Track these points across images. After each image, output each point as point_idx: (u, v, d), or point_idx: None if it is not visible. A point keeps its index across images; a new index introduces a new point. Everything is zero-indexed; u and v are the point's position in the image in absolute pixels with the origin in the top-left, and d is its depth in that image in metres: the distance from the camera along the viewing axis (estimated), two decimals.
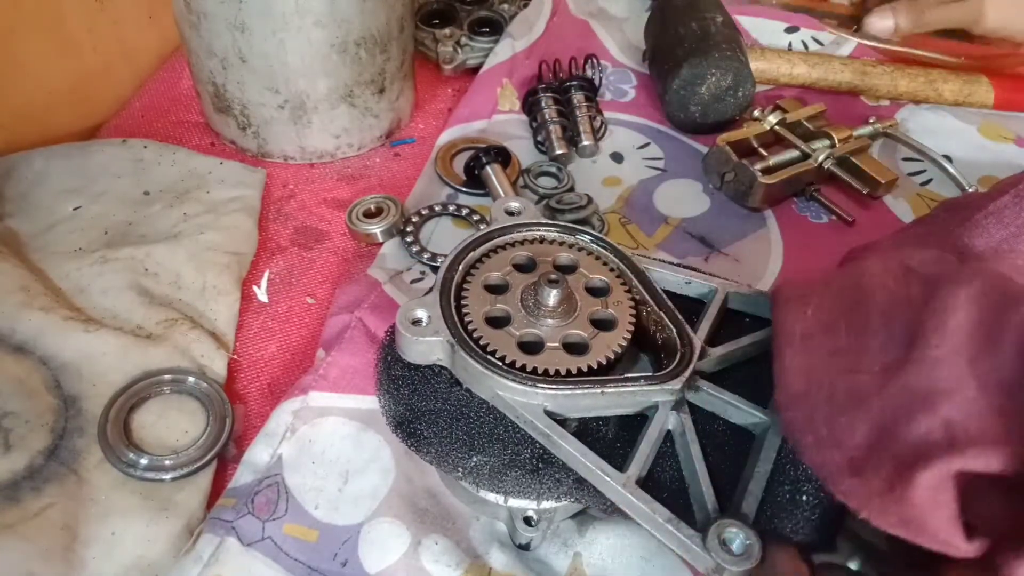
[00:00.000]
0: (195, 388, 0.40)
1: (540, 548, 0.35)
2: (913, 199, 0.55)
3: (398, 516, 0.35)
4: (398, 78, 0.57)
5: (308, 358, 0.44)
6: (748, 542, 0.28)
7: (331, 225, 0.52)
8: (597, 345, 0.33)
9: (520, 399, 0.31)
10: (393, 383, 0.34)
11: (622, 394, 0.32)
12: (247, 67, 0.51)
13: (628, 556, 0.35)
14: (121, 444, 0.37)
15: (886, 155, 0.59)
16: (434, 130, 0.61)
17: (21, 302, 0.41)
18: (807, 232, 0.53)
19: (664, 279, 0.37)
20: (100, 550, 0.34)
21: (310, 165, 0.57)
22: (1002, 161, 0.58)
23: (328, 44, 0.51)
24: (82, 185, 0.51)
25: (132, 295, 0.44)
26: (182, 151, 0.55)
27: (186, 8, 0.50)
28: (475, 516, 0.36)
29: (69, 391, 0.39)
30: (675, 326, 0.34)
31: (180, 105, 0.61)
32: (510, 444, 0.32)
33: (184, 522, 0.36)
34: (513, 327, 0.33)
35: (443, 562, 0.34)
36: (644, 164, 0.58)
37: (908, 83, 0.63)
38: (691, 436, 0.31)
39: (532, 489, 0.32)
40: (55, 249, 0.47)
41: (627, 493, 0.29)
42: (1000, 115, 0.62)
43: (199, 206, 0.51)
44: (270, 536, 0.34)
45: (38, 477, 0.36)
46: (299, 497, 0.36)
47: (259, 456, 0.37)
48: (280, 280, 0.49)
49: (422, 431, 0.33)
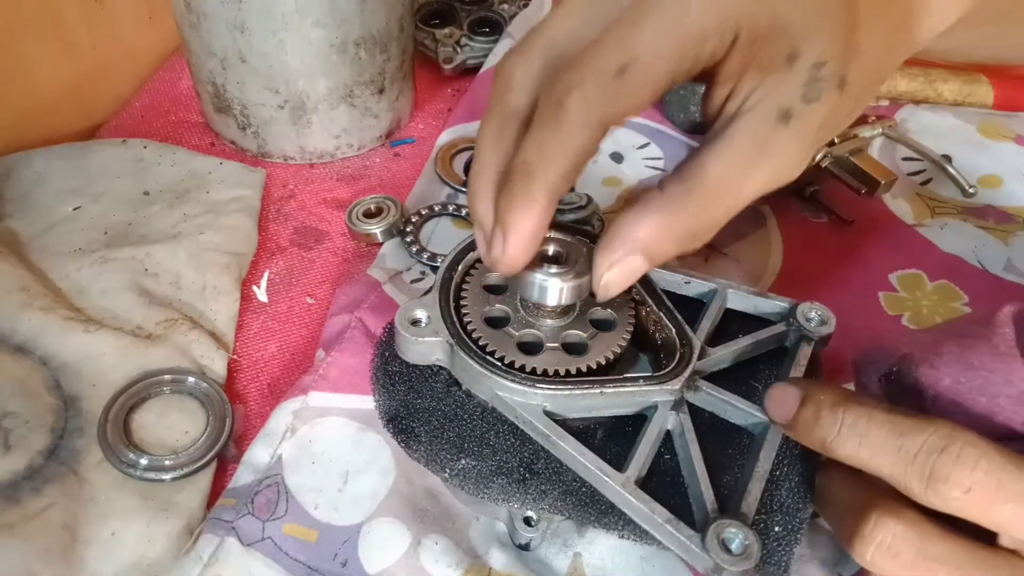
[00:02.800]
0: (195, 388, 0.40)
1: (540, 548, 0.35)
2: (913, 198, 0.55)
3: (398, 516, 0.35)
4: (398, 78, 0.57)
5: (308, 358, 0.44)
6: (747, 542, 0.28)
7: (331, 225, 0.52)
8: (596, 345, 0.33)
9: (519, 399, 0.31)
10: (389, 379, 0.34)
11: (621, 394, 0.32)
12: (247, 67, 0.51)
13: (627, 556, 0.35)
14: (121, 444, 0.37)
15: (886, 155, 0.59)
16: (434, 130, 0.61)
17: (21, 302, 0.41)
18: (806, 231, 0.53)
19: (663, 279, 0.37)
20: (100, 550, 0.34)
21: (310, 165, 0.57)
22: (1003, 160, 0.58)
23: (328, 44, 0.51)
24: (82, 185, 0.51)
25: (132, 295, 0.44)
26: (182, 151, 0.55)
27: (186, 8, 0.50)
28: (475, 516, 0.36)
29: (69, 391, 0.39)
30: (674, 326, 0.34)
31: (180, 105, 0.61)
32: (499, 451, 0.32)
33: (184, 522, 0.36)
34: (512, 327, 0.33)
35: (443, 562, 0.34)
36: (644, 164, 0.58)
37: (908, 83, 0.63)
38: (690, 436, 0.31)
39: (517, 498, 0.32)
40: (55, 249, 0.47)
41: (626, 493, 0.29)
42: (1000, 115, 0.62)
43: (199, 206, 0.51)
44: (270, 536, 0.34)
45: (38, 477, 0.36)
46: (299, 497, 0.36)
47: (259, 456, 0.37)
48: (280, 280, 0.49)
49: (414, 428, 0.33)
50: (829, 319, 0.36)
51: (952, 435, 0.26)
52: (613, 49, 0.25)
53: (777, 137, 0.26)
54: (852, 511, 0.28)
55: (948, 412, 0.30)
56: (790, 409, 0.30)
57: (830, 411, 0.28)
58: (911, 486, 0.26)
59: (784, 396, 0.30)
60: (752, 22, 0.25)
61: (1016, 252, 0.51)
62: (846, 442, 0.28)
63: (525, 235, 0.28)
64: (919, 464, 0.26)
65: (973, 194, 0.54)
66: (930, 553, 0.26)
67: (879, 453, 0.27)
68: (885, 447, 0.26)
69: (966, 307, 0.47)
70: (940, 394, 0.30)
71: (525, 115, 0.28)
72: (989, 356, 0.29)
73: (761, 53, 0.26)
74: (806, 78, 0.26)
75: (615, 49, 0.25)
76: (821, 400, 0.29)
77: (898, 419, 0.27)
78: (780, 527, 0.30)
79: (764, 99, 0.26)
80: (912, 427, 0.26)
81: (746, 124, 0.26)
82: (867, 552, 0.27)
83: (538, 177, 0.26)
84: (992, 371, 0.29)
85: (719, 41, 0.25)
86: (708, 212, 0.27)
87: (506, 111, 0.28)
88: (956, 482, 0.25)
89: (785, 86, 0.26)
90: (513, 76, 0.28)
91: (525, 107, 0.28)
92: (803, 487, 0.31)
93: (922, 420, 0.26)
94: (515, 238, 0.28)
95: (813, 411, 0.29)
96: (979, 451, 0.25)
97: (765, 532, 0.30)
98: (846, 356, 0.35)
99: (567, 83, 0.26)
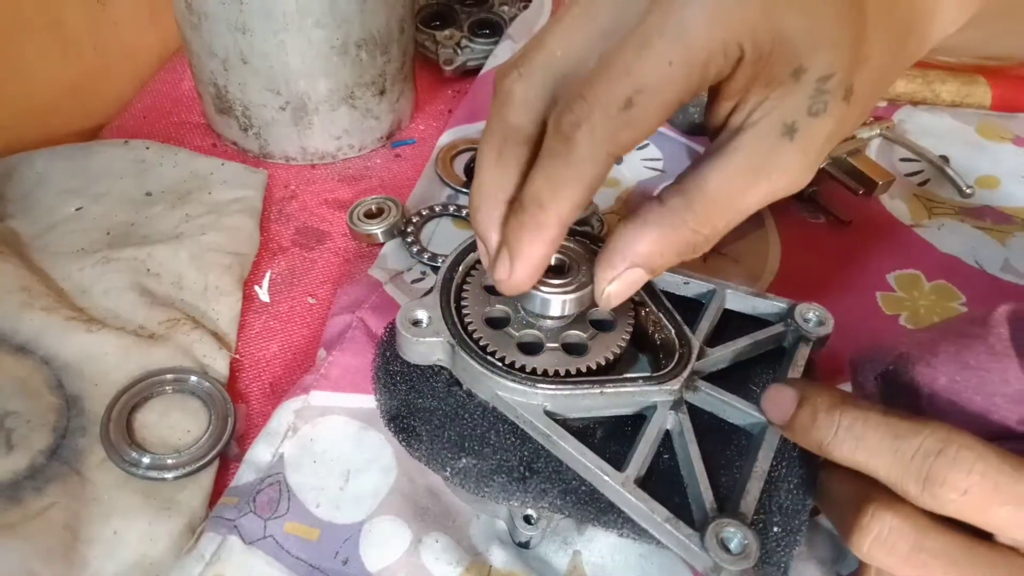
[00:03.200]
0: (197, 387, 0.41)
1: (540, 546, 0.36)
2: (910, 199, 0.55)
3: (399, 514, 0.35)
4: (398, 79, 0.57)
5: (309, 358, 0.44)
6: (746, 542, 0.28)
7: (332, 226, 0.52)
8: (596, 346, 0.33)
9: (520, 399, 0.31)
10: (391, 378, 0.35)
11: (621, 394, 0.32)
12: (248, 68, 0.51)
13: (627, 554, 0.35)
14: (123, 443, 0.38)
15: (883, 156, 0.59)
16: (434, 131, 0.61)
17: (23, 302, 0.41)
18: (805, 232, 0.53)
19: (662, 280, 0.37)
20: (102, 549, 0.35)
21: (311, 166, 0.57)
22: (1000, 161, 0.58)
23: (328, 45, 0.51)
24: (84, 186, 0.51)
25: (134, 295, 0.44)
26: (184, 152, 0.56)
27: (187, 9, 0.51)
28: (475, 514, 0.36)
29: (71, 391, 0.39)
30: (673, 327, 0.34)
31: (181, 106, 0.61)
32: (500, 450, 0.32)
33: (186, 521, 0.36)
34: (512, 328, 0.34)
35: (444, 560, 0.34)
36: (643, 165, 0.58)
37: (906, 84, 0.63)
38: (689, 436, 0.32)
39: (517, 497, 0.32)
40: (57, 249, 0.47)
41: (626, 492, 0.30)
42: (998, 116, 0.63)
43: (201, 207, 0.51)
44: (272, 534, 0.34)
45: (40, 477, 0.36)
46: (300, 496, 0.36)
47: (261, 455, 0.37)
48: (282, 280, 0.49)
49: (415, 427, 0.33)
50: (827, 320, 0.36)
51: (948, 438, 0.26)
52: (620, 79, 0.25)
53: (781, 151, 0.26)
54: (850, 504, 0.28)
55: (944, 411, 0.30)
56: (787, 410, 0.30)
57: (827, 413, 0.28)
58: (908, 489, 0.26)
59: (781, 397, 0.30)
60: (757, 39, 0.25)
61: (1013, 252, 0.51)
62: (843, 445, 0.28)
63: (534, 262, 0.28)
64: (915, 467, 0.26)
65: (971, 195, 0.54)
66: (926, 546, 0.26)
67: (875, 456, 0.27)
68: (881, 450, 0.27)
69: (964, 307, 0.48)
70: (936, 393, 0.30)
71: (527, 133, 0.28)
72: (985, 355, 0.30)
73: (766, 69, 0.26)
74: (812, 91, 0.25)
75: (622, 79, 0.25)
76: (818, 402, 0.29)
77: (894, 421, 0.27)
78: (779, 527, 0.30)
79: (769, 113, 0.26)
80: (908, 430, 0.26)
81: (750, 138, 0.26)
82: (864, 545, 0.27)
83: (551, 209, 0.27)
84: (988, 370, 0.29)
85: (724, 61, 0.25)
86: (708, 225, 0.28)
87: (507, 130, 0.28)
88: (952, 485, 0.25)
89: (790, 100, 0.26)
90: (513, 93, 0.28)
91: (526, 125, 0.28)
92: (803, 488, 0.31)
93: (918, 423, 0.26)
94: (523, 264, 0.28)
95: (810, 413, 0.29)
96: (975, 454, 0.25)
97: (764, 532, 0.30)
98: (844, 356, 0.36)
99: (576, 116, 0.25)
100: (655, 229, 0.27)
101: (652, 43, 0.24)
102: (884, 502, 0.27)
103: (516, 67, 0.28)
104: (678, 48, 0.24)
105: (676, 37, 0.24)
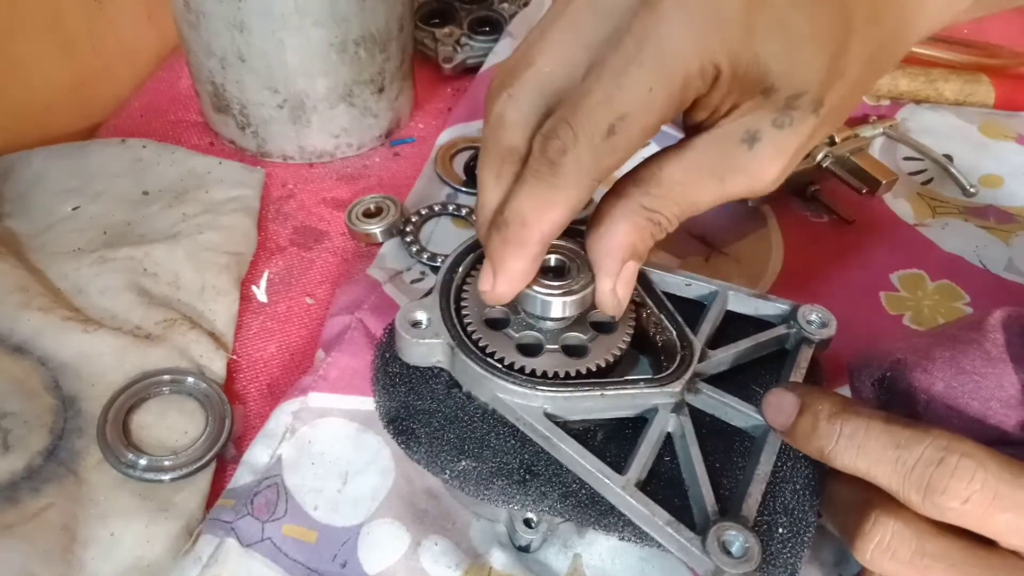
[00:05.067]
0: (194, 388, 0.40)
1: (540, 549, 0.35)
2: (913, 198, 0.55)
3: (398, 517, 0.35)
4: (397, 77, 0.57)
5: (308, 359, 0.44)
6: (747, 545, 0.28)
7: (330, 225, 0.52)
8: (597, 348, 0.33)
9: (520, 401, 0.31)
10: (390, 380, 0.34)
11: (622, 396, 0.32)
12: (246, 66, 0.51)
13: (627, 557, 0.35)
14: (120, 444, 0.37)
15: (886, 154, 0.59)
16: (434, 130, 0.60)
17: (19, 302, 0.41)
18: (807, 231, 0.52)
19: (664, 281, 0.37)
20: (99, 551, 0.34)
21: (309, 165, 0.57)
22: (1004, 160, 0.58)
23: (327, 43, 0.51)
24: (81, 185, 0.51)
25: (131, 295, 0.44)
26: (181, 151, 0.55)
27: (185, 7, 0.50)
28: (475, 517, 0.36)
29: (68, 391, 0.39)
30: (675, 328, 0.34)
31: (179, 105, 0.61)
32: (499, 452, 0.32)
33: (183, 523, 0.36)
34: (512, 329, 0.33)
35: (443, 563, 0.34)
36: None
37: (908, 82, 0.63)
38: (691, 439, 0.31)
39: (517, 500, 0.32)
40: (54, 249, 0.47)
41: (626, 495, 0.29)
42: (1001, 114, 0.62)
43: (198, 206, 0.50)
44: (269, 537, 0.34)
45: (37, 478, 0.36)
46: (298, 498, 0.36)
47: (258, 457, 0.37)
48: (279, 280, 0.49)
49: (415, 430, 0.33)
50: (830, 321, 0.36)
51: (949, 446, 0.26)
52: (602, 107, 0.26)
53: (737, 157, 0.28)
54: (853, 510, 0.28)
55: (941, 416, 0.30)
56: (788, 416, 0.30)
57: (828, 421, 0.28)
58: (909, 497, 0.26)
59: (781, 402, 0.30)
60: (733, 61, 0.25)
61: (1017, 252, 0.51)
62: (844, 452, 0.28)
63: (516, 276, 0.30)
64: (916, 476, 0.26)
65: (974, 194, 0.54)
66: (928, 551, 0.26)
67: (877, 464, 0.27)
68: (883, 459, 0.27)
69: (967, 307, 0.47)
70: (933, 398, 0.30)
71: (522, 153, 0.29)
72: (980, 360, 0.30)
73: (739, 86, 0.26)
74: (780, 106, 0.26)
75: (604, 107, 0.26)
76: (819, 410, 0.29)
77: (896, 429, 0.27)
78: (784, 529, 0.30)
79: (734, 121, 0.27)
80: (910, 438, 0.26)
81: (708, 140, 0.28)
82: (867, 550, 0.27)
83: (534, 228, 0.28)
84: (983, 375, 0.29)
85: (702, 83, 0.26)
86: (663, 211, 0.29)
87: (503, 152, 0.29)
88: (953, 494, 0.25)
89: (758, 112, 0.27)
90: (505, 117, 0.29)
91: (521, 145, 0.29)
92: (808, 489, 0.31)
93: (920, 431, 0.26)
94: (504, 278, 0.30)
95: (811, 420, 0.29)
96: (976, 462, 0.25)
97: (769, 534, 0.30)
98: (847, 355, 0.35)
99: (562, 143, 0.26)
100: (622, 222, 0.29)
101: (630, 71, 0.25)
102: (886, 508, 0.27)
103: (505, 87, 0.29)
104: (657, 74, 0.25)
105: (655, 63, 0.25)
